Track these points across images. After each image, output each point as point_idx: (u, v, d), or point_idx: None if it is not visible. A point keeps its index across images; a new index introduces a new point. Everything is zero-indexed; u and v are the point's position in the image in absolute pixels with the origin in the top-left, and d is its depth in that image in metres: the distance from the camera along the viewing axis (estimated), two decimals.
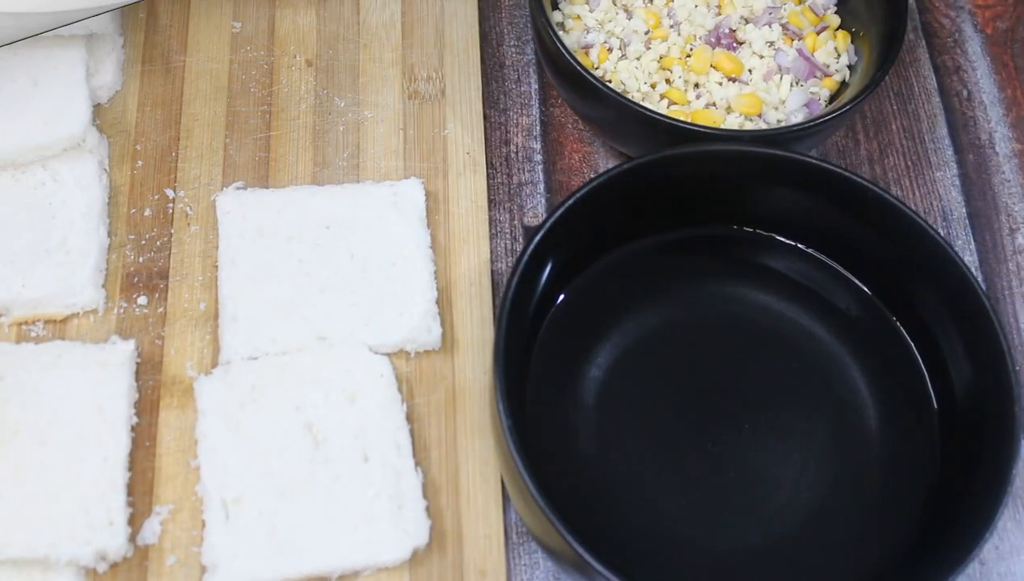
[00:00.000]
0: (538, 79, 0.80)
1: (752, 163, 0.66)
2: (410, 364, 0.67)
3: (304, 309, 0.67)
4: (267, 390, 0.64)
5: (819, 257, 0.69)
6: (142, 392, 0.65)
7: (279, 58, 0.78)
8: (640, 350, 0.67)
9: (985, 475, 0.58)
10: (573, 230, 0.64)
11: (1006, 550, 0.66)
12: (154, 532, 0.61)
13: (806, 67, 0.75)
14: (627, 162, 0.65)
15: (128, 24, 0.78)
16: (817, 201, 0.67)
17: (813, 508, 0.63)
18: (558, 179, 0.76)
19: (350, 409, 0.64)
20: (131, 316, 0.68)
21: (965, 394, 0.63)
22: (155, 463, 0.63)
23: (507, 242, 0.73)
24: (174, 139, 0.74)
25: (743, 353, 0.67)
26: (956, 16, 0.86)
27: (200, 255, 0.70)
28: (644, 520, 0.62)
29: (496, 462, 0.64)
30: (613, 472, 0.63)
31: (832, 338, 0.67)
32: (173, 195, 0.72)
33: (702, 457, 0.64)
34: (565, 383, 0.65)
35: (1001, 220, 0.77)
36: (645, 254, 0.69)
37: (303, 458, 0.62)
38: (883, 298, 0.68)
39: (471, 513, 0.63)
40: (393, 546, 0.60)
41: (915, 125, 0.80)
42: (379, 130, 0.75)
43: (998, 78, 0.83)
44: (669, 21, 0.76)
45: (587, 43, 0.75)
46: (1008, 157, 0.79)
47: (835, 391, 0.66)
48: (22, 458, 0.61)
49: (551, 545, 0.57)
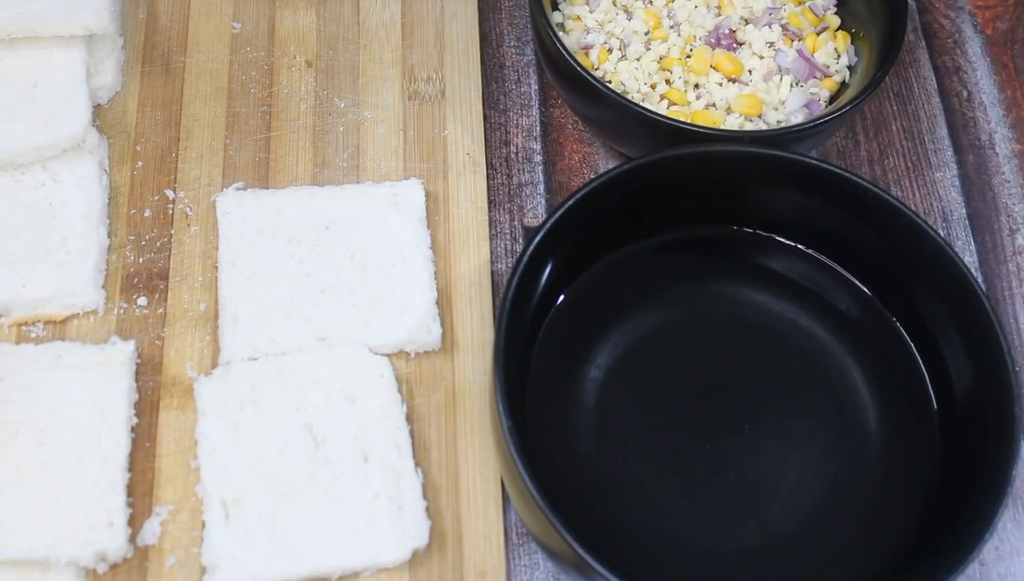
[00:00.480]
0: (538, 80, 0.80)
1: (752, 164, 0.66)
2: (410, 365, 0.67)
3: (304, 310, 0.67)
4: (267, 391, 0.64)
5: (819, 258, 0.69)
6: (142, 393, 0.65)
7: (279, 59, 0.78)
8: (640, 350, 0.67)
9: (985, 475, 0.58)
10: (573, 231, 0.64)
11: (1006, 551, 0.66)
12: (154, 533, 0.61)
13: (806, 68, 0.75)
14: (627, 163, 0.65)
15: (128, 25, 0.78)
16: (817, 202, 0.67)
17: (813, 508, 0.63)
18: (558, 180, 0.76)
19: (350, 410, 0.64)
20: (131, 317, 0.68)
21: (965, 394, 0.63)
22: (155, 464, 0.63)
23: (507, 243, 0.73)
24: (174, 140, 0.74)
25: (743, 353, 0.67)
26: (956, 17, 0.86)
27: (200, 256, 0.70)
28: (644, 520, 0.62)
29: (496, 463, 0.64)
30: (613, 472, 0.63)
31: (832, 338, 0.67)
32: (173, 196, 0.72)
33: (702, 457, 0.64)
34: (565, 383, 0.65)
35: (1001, 221, 0.77)
36: (645, 254, 0.69)
37: (303, 459, 0.62)
38: (883, 299, 0.68)
39: (471, 514, 0.63)
40: (393, 547, 0.60)
41: (915, 126, 0.80)
42: (379, 131, 0.75)
43: (998, 79, 0.83)
44: (669, 22, 0.76)
45: (587, 44, 0.75)
46: (1008, 158, 0.79)
47: (835, 391, 0.66)
48: (22, 458, 0.61)
49: (551, 546, 0.57)
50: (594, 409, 0.64)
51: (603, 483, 0.63)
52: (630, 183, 0.65)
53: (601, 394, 0.65)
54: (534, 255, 0.61)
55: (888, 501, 0.63)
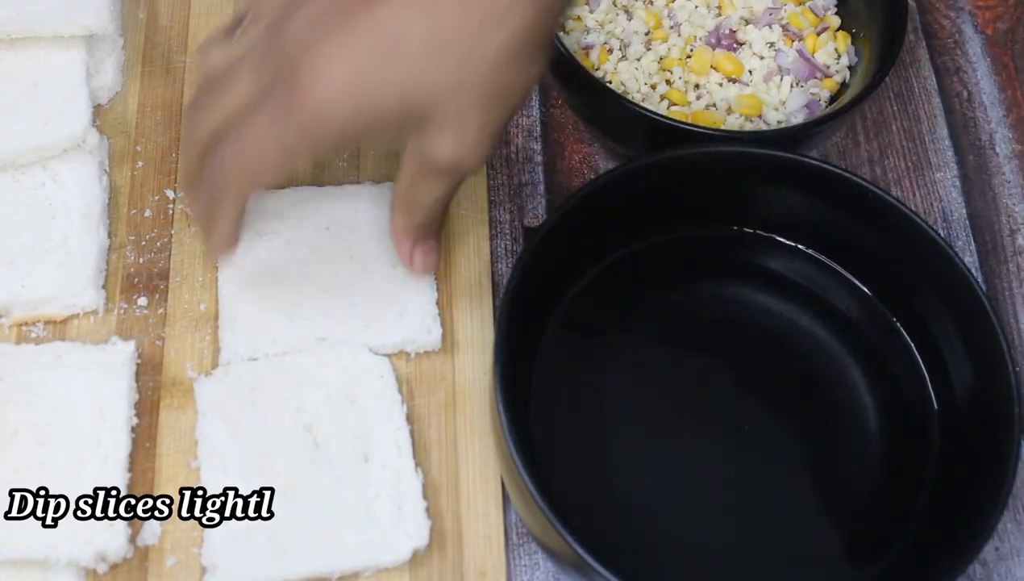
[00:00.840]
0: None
1: (752, 164, 0.66)
2: (410, 365, 0.67)
3: (304, 310, 0.67)
4: (267, 391, 0.64)
5: (819, 258, 0.69)
6: (142, 393, 0.65)
7: None
8: (640, 351, 0.67)
9: (985, 475, 0.58)
10: (573, 231, 0.64)
11: (1006, 551, 0.66)
12: (154, 533, 0.61)
13: (806, 68, 0.75)
14: (627, 163, 0.65)
15: (128, 25, 0.78)
16: (817, 202, 0.67)
17: (813, 508, 0.63)
18: (558, 180, 0.76)
19: (350, 410, 0.64)
20: (131, 317, 0.68)
21: (965, 394, 0.63)
22: (155, 464, 0.63)
23: (507, 243, 0.73)
24: (174, 140, 0.74)
25: (743, 354, 0.67)
26: (956, 17, 0.86)
27: (200, 256, 0.70)
28: (644, 520, 0.62)
29: (496, 463, 0.64)
30: (613, 472, 0.63)
31: (832, 339, 0.67)
32: (173, 196, 0.72)
33: (702, 457, 0.64)
34: (565, 384, 0.65)
35: (1001, 221, 0.77)
36: (645, 255, 0.69)
37: (303, 459, 0.62)
38: (883, 299, 0.68)
39: (471, 514, 0.63)
40: (393, 547, 0.60)
41: (915, 126, 0.80)
42: None
43: (998, 79, 0.83)
44: (669, 22, 0.76)
45: (587, 44, 0.75)
46: (1008, 158, 0.79)
47: (835, 391, 0.66)
48: (22, 459, 0.61)
49: (551, 546, 0.57)
50: (594, 409, 0.64)
51: (603, 483, 0.63)
52: (630, 183, 0.65)
53: (601, 394, 0.65)
54: (534, 255, 0.61)
55: (888, 501, 0.63)
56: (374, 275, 0.68)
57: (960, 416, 0.63)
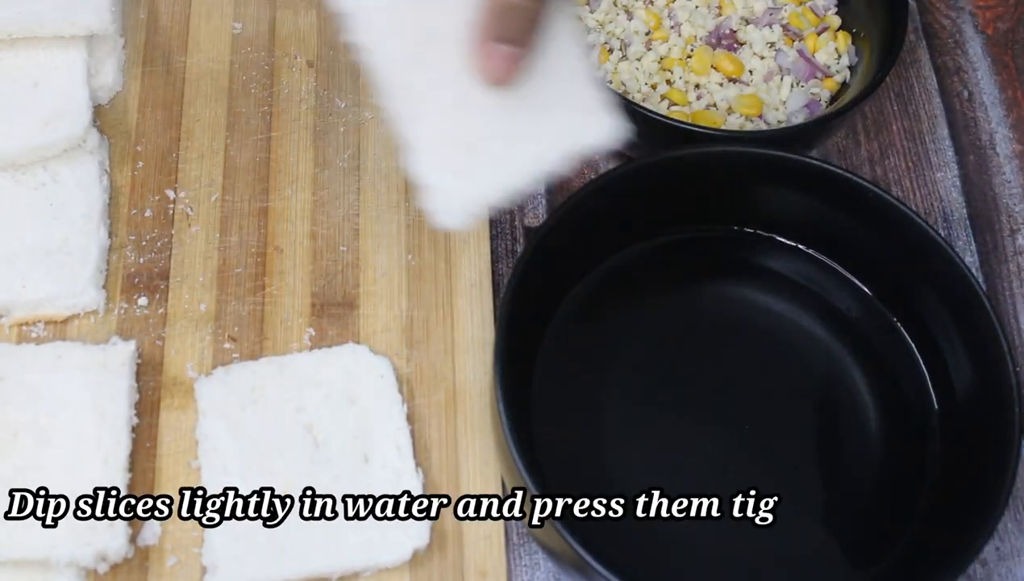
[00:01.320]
0: None
1: (752, 164, 0.66)
2: (410, 365, 0.67)
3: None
4: (267, 391, 0.64)
5: (819, 258, 0.69)
6: (143, 393, 0.65)
7: (280, 59, 0.78)
8: (640, 351, 0.67)
9: (985, 476, 0.58)
10: (574, 231, 0.64)
11: (1007, 551, 0.66)
12: (154, 533, 0.61)
13: (807, 68, 0.75)
14: (627, 163, 0.65)
15: (129, 25, 0.78)
16: (818, 202, 0.67)
17: (813, 508, 0.63)
18: (558, 180, 0.76)
19: (350, 410, 0.64)
20: (132, 317, 0.68)
21: (965, 394, 0.63)
22: (155, 464, 0.63)
23: (507, 243, 0.73)
24: (175, 140, 0.74)
25: (743, 353, 0.67)
26: (957, 17, 0.86)
27: (200, 256, 0.70)
28: (644, 520, 0.62)
29: (496, 463, 0.64)
30: (613, 472, 0.63)
31: (832, 339, 0.67)
32: (174, 196, 0.72)
33: (702, 457, 0.64)
34: (565, 383, 0.65)
35: (1002, 221, 0.77)
36: (646, 255, 0.69)
37: (303, 459, 0.62)
38: (883, 299, 0.68)
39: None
40: (393, 547, 0.60)
41: (916, 126, 0.80)
42: (380, 131, 0.75)
43: (999, 79, 0.83)
44: (670, 22, 0.76)
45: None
46: (1009, 158, 0.79)
47: (835, 392, 0.66)
48: (22, 459, 0.61)
49: (551, 545, 0.57)
50: (594, 409, 0.64)
51: (603, 482, 0.62)
52: (631, 183, 0.65)
53: (601, 394, 0.65)
54: (534, 255, 0.61)
55: (888, 501, 0.63)
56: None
57: (960, 416, 0.63)
